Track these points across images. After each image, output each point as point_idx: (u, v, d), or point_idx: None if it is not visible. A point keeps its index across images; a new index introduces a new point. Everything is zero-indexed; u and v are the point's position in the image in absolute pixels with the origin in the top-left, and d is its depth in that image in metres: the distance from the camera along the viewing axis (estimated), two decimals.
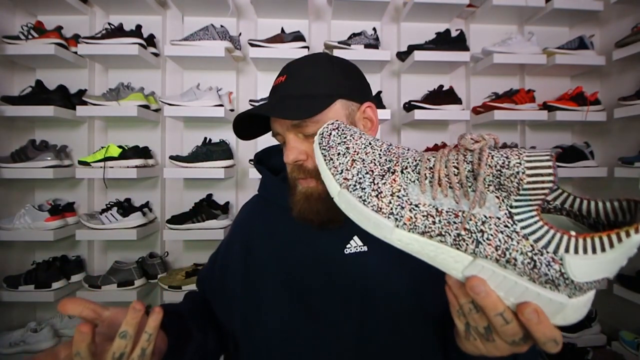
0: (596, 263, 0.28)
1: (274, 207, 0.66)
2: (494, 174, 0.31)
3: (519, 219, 0.30)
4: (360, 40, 1.66)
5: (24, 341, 1.52)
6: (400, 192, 0.34)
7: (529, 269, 0.30)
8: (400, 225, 0.34)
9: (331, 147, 0.39)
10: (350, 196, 0.36)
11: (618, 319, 1.72)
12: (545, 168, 0.29)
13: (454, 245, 0.32)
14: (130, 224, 1.59)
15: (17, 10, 1.74)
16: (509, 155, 0.31)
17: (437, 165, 0.34)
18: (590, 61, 1.71)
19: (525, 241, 0.30)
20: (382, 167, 0.36)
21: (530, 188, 0.29)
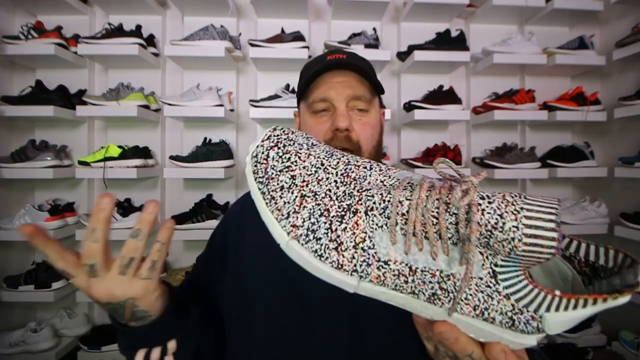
0: (573, 316, 0.27)
1: None
2: (483, 234, 0.25)
3: (502, 279, 0.27)
4: (360, 40, 1.66)
5: (24, 341, 1.52)
6: (366, 243, 0.28)
7: (506, 327, 0.28)
8: (367, 280, 0.28)
9: (271, 178, 0.30)
10: (301, 250, 0.28)
11: (618, 319, 1.72)
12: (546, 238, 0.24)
13: (428, 301, 0.29)
14: (130, 224, 1.59)
15: (17, 10, 1.74)
16: (504, 214, 0.25)
17: (413, 215, 0.27)
18: (590, 61, 1.71)
19: (506, 300, 0.27)
20: (340, 204, 0.29)
21: (524, 254, 0.25)
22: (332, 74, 0.61)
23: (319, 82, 0.62)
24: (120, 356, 0.50)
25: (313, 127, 0.62)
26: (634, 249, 1.63)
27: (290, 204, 0.29)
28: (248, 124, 1.86)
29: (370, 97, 0.62)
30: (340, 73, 0.61)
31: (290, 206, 0.29)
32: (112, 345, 1.54)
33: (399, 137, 1.91)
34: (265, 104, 1.66)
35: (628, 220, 1.58)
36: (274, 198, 0.29)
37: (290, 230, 0.29)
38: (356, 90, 0.60)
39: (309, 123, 0.63)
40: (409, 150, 1.89)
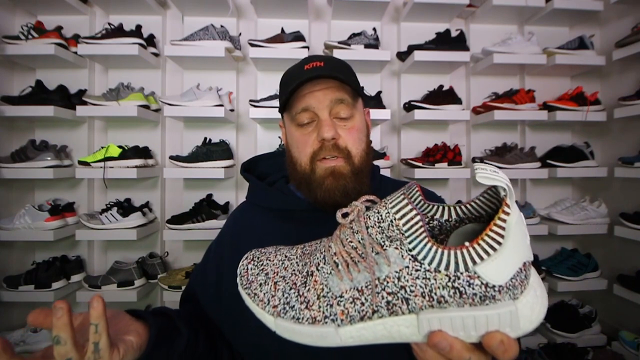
0: (502, 258, 0.29)
1: (262, 211, 0.68)
2: (378, 230, 0.32)
3: (422, 257, 0.31)
4: (360, 40, 1.66)
5: (24, 341, 1.52)
6: (324, 291, 0.34)
7: (458, 299, 0.30)
8: (340, 323, 0.34)
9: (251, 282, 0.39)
10: (285, 322, 0.35)
11: (618, 319, 1.72)
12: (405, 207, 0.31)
13: (392, 314, 0.32)
14: (130, 224, 1.59)
15: (17, 10, 1.74)
16: (379, 210, 0.32)
17: (337, 248, 0.34)
18: (590, 61, 1.71)
19: (439, 274, 0.30)
20: (302, 275, 0.37)
21: (409, 227, 0.31)
22: (311, 83, 0.60)
23: (300, 92, 0.61)
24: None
25: (300, 140, 0.62)
26: (634, 249, 1.63)
27: (268, 292, 0.37)
28: (248, 124, 1.86)
29: (352, 100, 0.61)
30: (320, 80, 0.60)
31: (268, 294, 0.37)
32: None
33: (399, 137, 1.91)
34: (265, 104, 1.66)
35: (628, 220, 1.58)
36: (257, 294, 0.37)
37: (273, 312, 0.36)
38: (338, 95, 0.60)
39: (295, 135, 0.63)
40: (409, 150, 1.89)
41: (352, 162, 0.60)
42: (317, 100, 0.60)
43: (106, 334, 0.38)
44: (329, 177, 0.59)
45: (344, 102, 0.60)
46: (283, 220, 0.65)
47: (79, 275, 1.68)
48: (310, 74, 0.58)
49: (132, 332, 0.45)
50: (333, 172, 0.59)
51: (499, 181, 0.29)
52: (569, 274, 1.69)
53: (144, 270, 1.66)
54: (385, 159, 1.69)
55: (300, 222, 0.64)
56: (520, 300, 0.30)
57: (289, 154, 0.66)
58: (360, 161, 0.61)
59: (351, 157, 0.60)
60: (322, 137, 0.58)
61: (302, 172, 0.61)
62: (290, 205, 0.66)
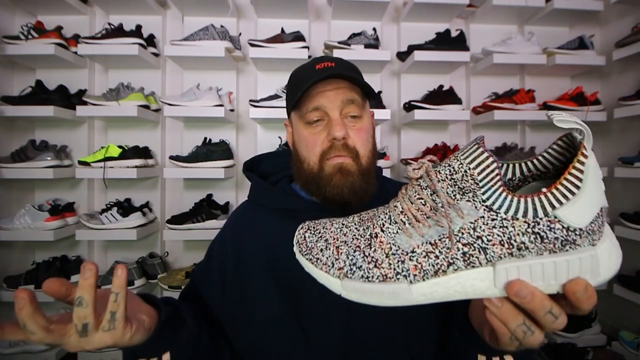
0: (583, 201, 0.29)
1: (264, 211, 0.68)
2: (450, 183, 0.32)
3: (498, 207, 0.31)
4: (360, 40, 1.66)
5: (24, 341, 1.52)
6: (392, 250, 0.34)
7: (539, 245, 0.30)
8: (413, 279, 0.33)
9: (311, 248, 0.38)
10: (353, 282, 0.35)
11: (618, 319, 1.72)
12: (481, 155, 0.31)
13: (469, 265, 0.32)
14: (130, 224, 1.59)
15: (17, 10, 1.74)
16: (450, 162, 0.33)
17: (405, 206, 0.35)
18: (590, 61, 1.71)
19: (517, 222, 0.30)
20: (364, 238, 0.36)
21: (485, 176, 0.31)
22: (323, 82, 0.60)
23: (311, 91, 0.61)
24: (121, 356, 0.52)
25: (309, 138, 0.62)
26: (634, 249, 1.63)
27: (330, 256, 0.37)
28: (248, 124, 1.86)
29: (362, 101, 0.62)
30: (331, 81, 0.60)
31: (332, 257, 0.37)
32: None
33: (399, 137, 1.91)
34: (265, 104, 1.66)
35: (628, 220, 1.58)
36: (319, 259, 0.37)
37: (339, 274, 0.36)
38: (349, 95, 0.60)
39: (304, 134, 0.63)
40: (409, 150, 1.89)
41: (360, 162, 0.60)
42: (328, 99, 0.60)
43: (124, 305, 0.40)
44: (337, 173, 0.59)
45: (354, 102, 0.60)
46: (286, 220, 0.65)
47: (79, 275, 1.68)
48: (324, 73, 0.58)
49: (144, 313, 0.46)
50: (341, 169, 0.59)
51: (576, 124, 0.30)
52: None
53: (144, 270, 1.66)
54: (385, 159, 1.69)
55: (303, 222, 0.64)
56: (599, 246, 0.30)
57: (296, 153, 0.66)
58: (367, 162, 0.61)
59: (359, 157, 0.60)
60: (333, 136, 0.58)
61: (310, 171, 0.61)
62: (294, 205, 0.65)
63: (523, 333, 0.32)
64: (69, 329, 0.38)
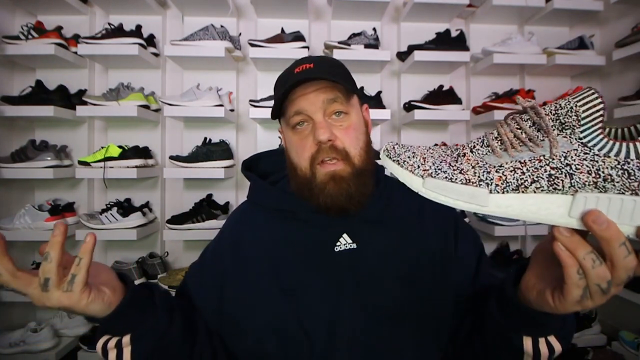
0: None
1: (264, 212, 0.67)
2: (552, 118, 0.34)
3: (592, 144, 0.32)
4: (360, 40, 1.66)
5: (24, 341, 1.52)
6: (479, 163, 0.36)
7: (626, 180, 0.31)
8: (493, 189, 0.35)
9: (399, 154, 0.40)
10: (436, 180, 0.36)
11: (618, 319, 1.72)
12: (591, 96, 0.33)
13: (551, 187, 0.33)
14: (130, 224, 1.59)
15: (17, 10, 1.74)
16: (557, 101, 0.35)
17: (502, 131, 0.36)
18: (590, 61, 1.71)
19: (608, 159, 0.32)
20: (452, 156, 0.38)
21: (588, 115, 0.33)
22: (303, 85, 0.59)
23: (292, 95, 0.60)
24: None
25: (297, 144, 0.60)
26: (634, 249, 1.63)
27: (417, 161, 0.38)
28: (248, 124, 1.86)
29: (346, 98, 0.60)
30: (311, 82, 0.59)
31: (418, 161, 0.38)
32: None
33: (399, 137, 1.91)
34: (265, 104, 1.66)
35: None
36: (406, 161, 0.39)
37: (423, 174, 0.37)
38: (330, 94, 0.59)
39: (292, 140, 0.61)
40: None
41: (352, 163, 0.58)
42: (309, 102, 0.58)
43: (86, 270, 0.43)
44: (330, 182, 0.57)
45: (337, 101, 0.59)
46: (287, 221, 0.64)
47: None
48: (299, 77, 0.57)
49: (109, 287, 0.47)
50: (334, 177, 0.57)
51: None
52: None
53: (144, 270, 1.66)
54: None
55: (305, 223, 0.63)
56: None
57: (288, 159, 0.64)
58: (360, 160, 0.59)
59: (350, 158, 0.58)
60: (317, 139, 0.57)
61: (303, 176, 0.60)
62: (294, 205, 0.64)
63: (592, 262, 0.33)
64: (34, 280, 0.42)
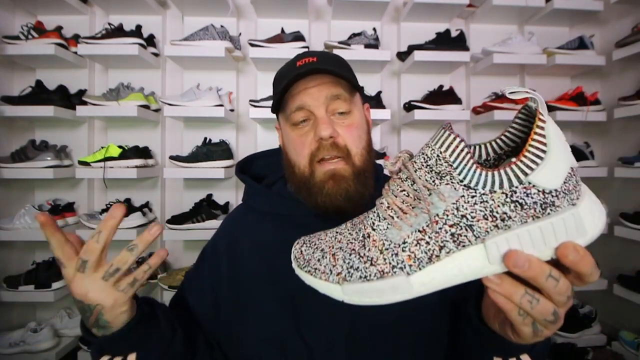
0: (551, 163, 0.30)
1: (260, 216, 0.65)
2: (427, 170, 0.34)
3: (475, 184, 0.32)
4: (360, 40, 1.66)
5: (24, 341, 1.52)
6: (385, 245, 0.35)
7: (521, 212, 0.31)
8: (410, 270, 0.33)
9: (309, 260, 0.39)
10: (352, 285, 0.35)
11: (618, 319, 1.72)
12: (448, 137, 0.33)
13: (460, 245, 0.32)
14: (130, 224, 1.59)
15: (17, 10, 1.74)
16: (423, 150, 0.35)
17: (390, 200, 0.36)
18: (590, 61, 1.71)
19: (495, 194, 0.31)
20: (358, 240, 0.37)
21: (455, 156, 0.32)
22: (305, 79, 0.57)
23: (293, 90, 0.58)
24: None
25: (296, 140, 0.58)
26: (634, 249, 1.63)
27: (328, 264, 0.37)
28: (248, 124, 1.86)
29: (349, 95, 0.58)
30: (314, 77, 0.57)
31: (329, 265, 0.37)
32: None
33: (399, 137, 1.91)
34: (265, 104, 1.66)
35: (628, 220, 1.58)
36: (317, 269, 0.38)
37: (338, 279, 0.36)
38: (334, 90, 0.56)
39: (292, 136, 0.59)
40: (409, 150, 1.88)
41: (353, 162, 0.57)
42: (311, 97, 0.56)
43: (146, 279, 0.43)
44: (330, 180, 0.56)
45: (340, 97, 0.57)
46: (284, 226, 0.62)
47: None
48: (301, 69, 0.55)
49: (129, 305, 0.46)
50: (334, 176, 0.56)
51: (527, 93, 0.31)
52: None
53: None
54: (385, 159, 1.69)
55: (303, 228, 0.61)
56: (579, 205, 0.31)
57: (286, 157, 0.62)
58: (362, 160, 0.58)
59: (351, 157, 0.57)
60: (319, 135, 0.55)
61: (301, 175, 0.58)
62: (291, 209, 0.62)
63: (529, 303, 0.32)
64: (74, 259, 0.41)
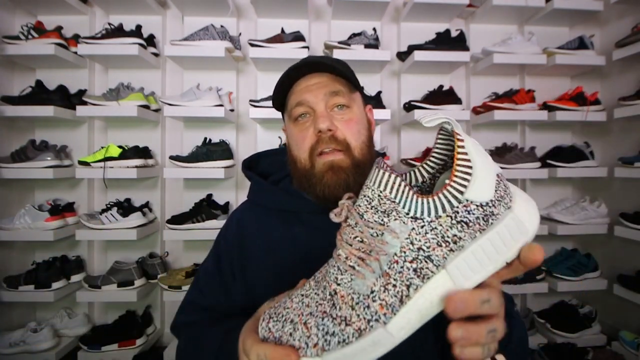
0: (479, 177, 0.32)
1: (266, 213, 0.66)
2: (373, 212, 0.34)
3: (420, 214, 0.33)
4: (360, 40, 1.66)
5: (24, 341, 1.52)
6: (355, 299, 0.34)
7: (469, 229, 0.32)
8: (385, 320, 0.33)
9: (281, 337, 0.36)
10: (333, 354, 0.33)
11: (618, 319, 1.72)
12: (383, 176, 0.34)
13: (424, 278, 0.33)
14: (130, 224, 1.59)
15: (17, 10, 1.74)
16: (365, 193, 0.35)
17: (346, 251, 0.35)
18: (590, 61, 1.71)
19: (441, 219, 0.32)
20: (326, 300, 0.36)
21: (395, 192, 0.33)
22: (305, 78, 0.60)
23: (294, 89, 0.61)
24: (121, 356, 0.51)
25: (297, 135, 0.60)
26: (634, 249, 1.63)
27: (302, 336, 0.35)
28: (248, 124, 1.86)
29: (348, 91, 0.61)
30: (314, 75, 0.60)
31: (303, 337, 0.35)
32: (112, 345, 1.54)
33: (399, 137, 1.91)
34: (265, 104, 1.66)
35: (628, 220, 1.58)
36: (292, 344, 0.35)
37: (316, 351, 0.34)
38: (332, 87, 0.59)
39: (293, 132, 0.62)
40: (409, 150, 1.89)
41: (352, 154, 0.58)
42: (311, 93, 0.59)
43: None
44: (329, 171, 0.57)
45: (339, 93, 0.59)
46: (290, 222, 0.63)
47: (79, 275, 1.68)
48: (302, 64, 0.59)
49: None
50: (332, 166, 0.57)
51: (441, 119, 0.33)
52: (569, 274, 1.69)
53: (144, 270, 1.66)
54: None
55: (309, 225, 0.62)
56: (514, 207, 0.33)
57: (290, 153, 0.64)
58: (361, 153, 0.59)
59: (350, 150, 0.58)
60: (318, 128, 0.57)
61: (303, 168, 0.60)
62: (297, 206, 0.63)
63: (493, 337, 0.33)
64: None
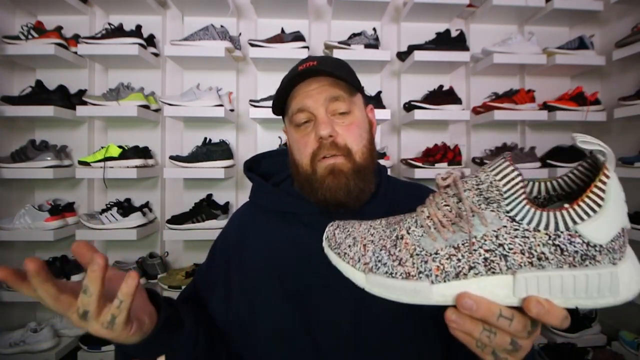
0: (604, 218, 0.30)
1: (267, 214, 0.67)
2: (476, 193, 0.34)
3: (520, 218, 0.32)
4: (360, 40, 1.66)
5: (24, 341, 1.52)
6: (417, 250, 0.35)
7: (559, 256, 0.31)
8: (434, 280, 0.34)
9: (340, 244, 0.40)
10: (377, 277, 0.36)
11: (618, 319, 1.72)
12: (507, 168, 0.33)
13: (489, 271, 0.33)
14: (130, 224, 1.59)
15: (17, 10, 1.74)
16: (478, 174, 0.35)
17: (431, 211, 0.36)
18: (590, 61, 1.71)
19: (538, 233, 0.31)
20: (390, 238, 0.38)
21: (509, 188, 0.32)
22: (305, 83, 0.60)
23: (295, 94, 0.61)
24: None
25: (299, 141, 0.61)
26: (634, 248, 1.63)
27: (358, 252, 0.38)
28: (248, 124, 1.86)
29: (349, 96, 0.60)
30: (314, 80, 0.60)
31: (358, 253, 0.38)
32: (112, 345, 1.54)
33: (399, 137, 1.91)
34: (265, 104, 1.66)
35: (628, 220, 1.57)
36: (347, 253, 0.39)
37: (364, 268, 0.37)
38: (332, 92, 0.59)
39: (295, 137, 0.62)
40: (409, 150, 1.89)
41: (353, 159, 0.59)
42: (312, 99, 0.59)
43: (127, 312, 0.39)
44: (329, 175, 0.58)
45: (339, 98, 0.59)
46: (291, 224, 0.63)
47: (79, 275, 1.68)
48: (302, 72, 0.58)
49: (147, 314, 0.45)
50: (333, 170, 0.58)
51: (599, 145, 0.32)
52: None
53: (144, 270, 1.66)
54: (385, 159, 1.69)
55: (310, 226, 0.62)
56: (620, 265, 0.30)
57: (291, 157, 0.65)
58: (362, 158, 0.59)
59: (352, 155, 0.59)
60: (318, 135, 0.57)
61: (304, 173, 0.60)
62: (298, 208, 0.64)
63: (488, 338, 0.33)
64: (74, 306, 0.38)
